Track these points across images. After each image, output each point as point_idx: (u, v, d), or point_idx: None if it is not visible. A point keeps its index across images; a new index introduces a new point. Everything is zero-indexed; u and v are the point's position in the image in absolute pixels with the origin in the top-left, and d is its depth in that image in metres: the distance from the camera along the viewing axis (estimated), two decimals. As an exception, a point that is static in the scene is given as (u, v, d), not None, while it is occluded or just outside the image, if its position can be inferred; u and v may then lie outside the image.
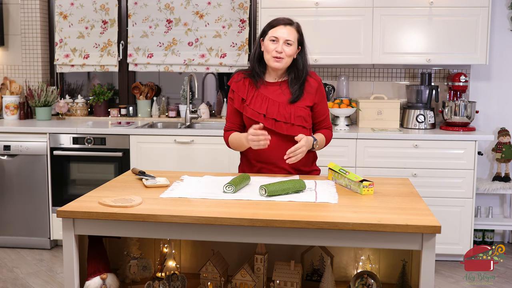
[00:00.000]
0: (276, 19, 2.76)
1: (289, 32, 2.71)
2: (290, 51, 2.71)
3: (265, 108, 2.72)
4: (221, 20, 4.86)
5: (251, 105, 2.75)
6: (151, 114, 5.02)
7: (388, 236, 1.99)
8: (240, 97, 2.79)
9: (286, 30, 2.70)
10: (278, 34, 2.70)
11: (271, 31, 2.72)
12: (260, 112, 2.72)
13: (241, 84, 2.81)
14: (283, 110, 2.72)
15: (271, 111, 2.72)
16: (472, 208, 4.11)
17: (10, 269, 4.10)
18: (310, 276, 2.49)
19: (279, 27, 2.71)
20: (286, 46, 2.70)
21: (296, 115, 2.72)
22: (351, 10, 4.29)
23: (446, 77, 4.63)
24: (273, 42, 2.71)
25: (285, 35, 2.69)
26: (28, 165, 4.41)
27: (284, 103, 2.73)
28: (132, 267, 2.44)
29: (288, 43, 2.70)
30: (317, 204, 2.22)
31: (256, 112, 2.73)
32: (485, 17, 4.19)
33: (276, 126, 2.72)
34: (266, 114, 2.72)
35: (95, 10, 5.00)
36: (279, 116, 2.71)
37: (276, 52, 2.69)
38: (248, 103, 2.76)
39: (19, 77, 5.05)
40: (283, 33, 2.70)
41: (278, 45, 2.69)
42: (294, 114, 2.72)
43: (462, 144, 4.07)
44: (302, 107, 2.74)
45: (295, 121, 2.72)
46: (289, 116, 2.71)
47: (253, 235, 2.06)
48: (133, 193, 2.36)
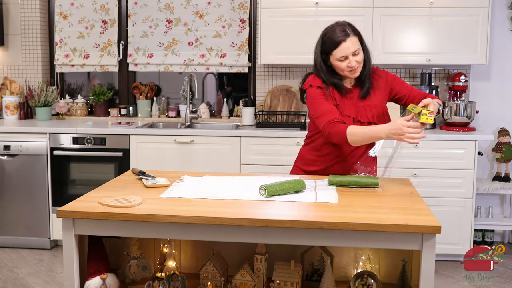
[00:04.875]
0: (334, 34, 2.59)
1: (352, 43, 2.58)
2: (360, 57, 2.61)
3: (354, 112, 2.66)
4: (221, 20, 4.86)
5: (339, 108, 2.66)
6: (151, 114, 5.03)
7: (388, 236, 1.98)
8: (330, 95, 2.68)
9: (348, 44, 2.57)
10: (344, 52, 2.58)
11: (337, 52, 2.59)
12: (349, 115, 2.66)
13: (325, 86, 2.69)
14: (363, 111, 2.66)
15: (360, 115, 2.66)
16: (472, 208, 4.11)
17: (10, 269, 4.10)
18: (310, 276, 2.48)
19: (341, 45, 2.57)
20: (356, 57, 2.60)
21: (377, 115, 2.67)
22: (351, 10, 4.29)
23: (446, 77, 4.63)
24: (343, 61, 2.60)
25: (350, 49, 2.58)
26: (28, 165, 4.41)
27: (363, 105, 2.68)
28: (132, 267, 2.43)
29: (355, 53, 2.60)
30: (317, 204, 2.22)
31: (346, 116, 2.65)
32: (485, 17, 4.19)
33: None
34: (355, 117, 2.65)
35: (95, 10, 5.00)
36: (362, 117, 2.66)
37: (350, 67, 2.61)
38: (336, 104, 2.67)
39: (19, 77, 5.06)
40: (348, 48, 2.57)
41: (349, 61, 2.59)
42: (376, 113, 2.67)
43: (462, 144, 4.07)
44: (378, 104, 2.69)
45: (378, 120, 2.67)
46: (371, 117, 2.66)
47: (253, 235, 2.06)
48: (133, 193, 2.35)
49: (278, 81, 4.84)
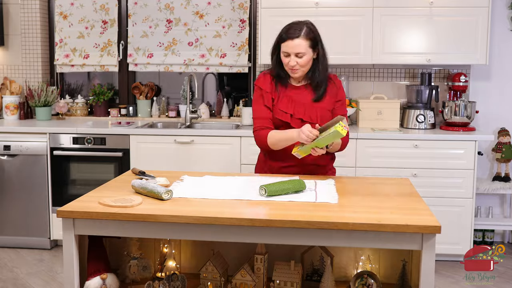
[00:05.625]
0: (286, 31, 2.70)
1: (297, 45, 2.66)
2: (303, 61, 2.69)
3: (292, 108, 2.74)
4: (221, 20, 4.86)
5: (278, 105, 2.76)
6: (151, 114, 5.02)
7: (388, 236, 1.98)
8: (270, 96, 2.78)
9: (294, 44, 2.66)
10: (288, 49, 2.67)
11: (282, 46, 2.70)
12: (287, 112, 2.74)
13: (269, 84, 2.80)
14: (309, 111, 2.74)
15: (297, 112, 2.74)
16: (472, 208, 4.10)
17: (10, 269, 4.09)
18: (310, 276, 2.48)
19: (287, 41, 2.67)
20: (298, 58, 2.68)
21: (321, 116, 2.74)
22: (351, 10, 4.29)
23: (446, 77, 4.63)
24: (285, 57, 2.71)
25: (294, 50, 2.66)
26: (28, 165, 4.40)
27: (310, 104, 2.75)
28: (132, 267, 2.44)
29: (299, 56, 2.68)
30: (317, 204, 2.22)
31: (283, 112, 2.75)
32: (485, 17, 4.19)
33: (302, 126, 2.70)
34: (293, 114, 2.74)
35: (95, 10, 5.00)
36: (306, 116, 2.73)
37: (290, 65, 2.70)
38: (276, 103, 2.77)
39: (19, 77, 5.05)
40: (292, 48, 2.67)
41: (290, 59, 2.69)
42: (320, 115, 2.74)
43: (462, 144, 4.07)
44: (325, 108, 2.77)
45: (321, 122, 2.71)
46: (315, 117, 2.73)
47: (253, 235, 2.06)
48: (133, 193, 2.35)
49: (278, 81, 4.83)
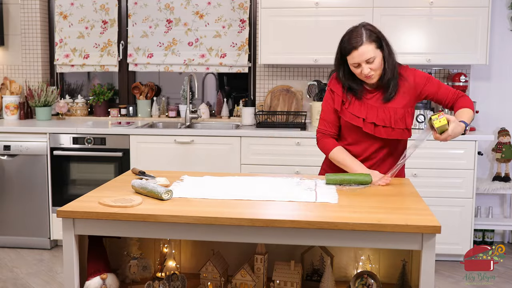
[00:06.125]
0: (347, 42, 2.56)
1: (365, 52, 2.52)
2: (375, 65, 2.55)
3: (364, 112, 2.64)
4: (221, 20, 4.86)
5: (349, 108, 2.67)
6: (151, 114, 5.03)
7: (388, 236, 1.97)
8: (340, 98, 2.69)
9: (360, 52, 2.52)
10: (356, 59, 2.54)
11: (349, 58, 2.56)
12: (359, 116, 2.64)
13: (341, 87, 2.70)
14: (382, 114, 2.63)
15: (370, 116, 2.62)
16: (472, 208, 4.10)
17: (10, 269, 4.09)
18: (310, 276, 2.47)
19: (353, 53, 2.53)
20: (370, 64, 2.54)
21: (395, 119, 2.63)
22: (351, 10, 4.28)
23: (446, 77, 4.63)
24: (356, 68, 2.57)
25: (363, 57, 2.52)
26: (28, 165, 4.40)
27: (382, 107, 2.64)
28: (132, 267, 2.43)
29: (370, 61, 2.53)
30: (317, 204, 2.21)
31: (355, 116, 2.65)
32: (485, 17, 4.18)
33: (376, 130, 2.64)
34: (365, 119, 2.64)
35: (95, 10, 5.00)
36: (378, 120, 2.62)
37: (364, 74, 2.57)
38: (347, 106, 2.68)
39: (19, 77, 5.05)
40: (360, 56, 2.52)
41: (362, 68, 2.55)
42: (394, 117, 2.63)
43: (462, 144, 4.07)
44: (399, 107, 2.64)
45: (395, 124, 2.62)
46: (388, 120, 2.62)
47: (253, 235, 2.05)
48: (133, 193, 2.35)
49: (278, 81, 4.84)
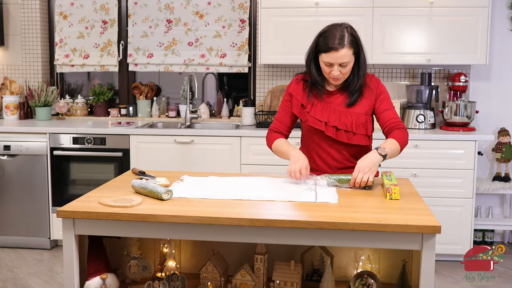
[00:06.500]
0: (328, 39, 2.52)
1: (344, 55, 2.50)
2: (346, 70, 2.55)
3: (326, 116, 2.64)
4: (221, 20, 4.85)
5: (311, 112, 2.66)
6: (151, 114, 5.02)
7: (388, 236, 1.98)
8: (299, 103, 2.70)
9: (339, 55, 2.50)
10: (331, 60, 2.51)
11: (325, 56, 2.53)
12: (321, 120, 2.64)
13: (301, 90, 2.71)
14: (344, 118, 2.63)
15: (332, 119, 2.63)
16: (472, 208, 4.10)
17: (10, 269, 4.09)
18: (310, 276, 2.48)
19: (331, 52, 2.50)
20: (342, 68, 2.53)
21: (357, 124, 2.63)
22: (351, 10, 4.28)
23: (446, 77, 4.62)
24: (327, 66, 2.55)
25: (339, 60, 2.51)
26: (28, 165, 4.40)
27: (345, 111, 2.64)
28: (132, 267, 2.43)
29: (343, 65, 2.53)
30: (317, 204, 2.21)
31: (317, 120, 2.65)
32: (485, 17, 4.18)
33: (337, 135, 2.64)
34: (327, 122, 2.64)
35: (95, 10, 4.99)
36: (340, 124, 2.62)
37: (333, 75, 2.56)
38: (309, 110, 2.67)
39: (19, 77, 5.05)
40: (336, 59, 2.50)
41: (333, 69, 2.54)
42: (356, 122, 2.63)
43: (462, 144, 4.07)
44: (362, 113, 2.64)
45: (357, 130, 2.63)
46: (350, 125, 2.62)
47: (253, 235, 2.05)
48: (133, 193, 2.35)
49: (278, 81, 4.84)
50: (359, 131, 2.63)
